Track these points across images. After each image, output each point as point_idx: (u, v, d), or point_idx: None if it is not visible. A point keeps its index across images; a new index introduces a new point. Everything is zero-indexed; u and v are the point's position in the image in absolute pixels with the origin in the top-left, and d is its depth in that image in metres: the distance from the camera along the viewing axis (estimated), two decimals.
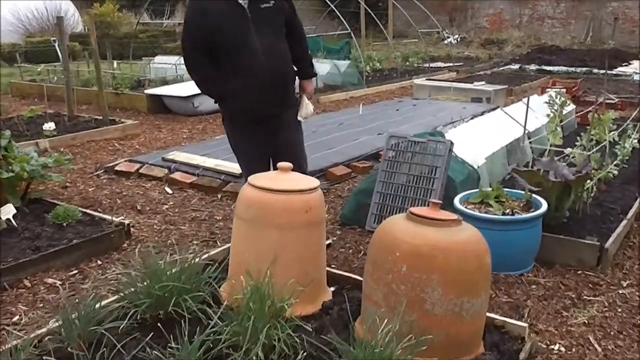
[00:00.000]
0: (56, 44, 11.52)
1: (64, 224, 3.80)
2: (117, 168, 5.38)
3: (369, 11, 12.86)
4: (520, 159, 4.50)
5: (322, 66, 10.70)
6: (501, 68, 13.49)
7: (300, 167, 3.56)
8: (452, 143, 3.94)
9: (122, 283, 2.62)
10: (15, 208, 3.96)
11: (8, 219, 3.69)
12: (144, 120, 7.90)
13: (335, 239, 3.97)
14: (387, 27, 14.41)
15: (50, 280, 3.28)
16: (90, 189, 4.92)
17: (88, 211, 4.06)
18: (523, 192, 3.58)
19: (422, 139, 4.03)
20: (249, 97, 3.33)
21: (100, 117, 7.08)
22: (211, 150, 5.65)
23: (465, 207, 3.49)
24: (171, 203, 4.62)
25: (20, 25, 17.65)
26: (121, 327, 2.37)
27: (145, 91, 8.59)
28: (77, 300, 2.48)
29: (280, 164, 2.78)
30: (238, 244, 2.77)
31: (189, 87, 8.28)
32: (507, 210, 3.39)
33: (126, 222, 3.87)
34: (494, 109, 7.81)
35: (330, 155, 5.66)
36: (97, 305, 2.47)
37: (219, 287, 2.79)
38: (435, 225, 2.34)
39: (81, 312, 2.38)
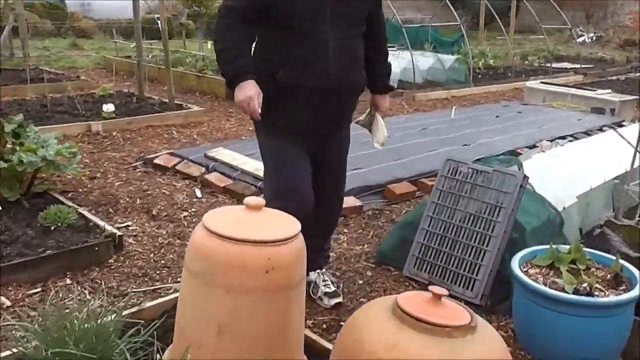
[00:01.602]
0: (159, 22, 11.54)
1: (52, 227, 3.31)
2: (155, 161, 4.89)
3: (487, 3, 11.60)
4: (626, 202, 3.41)
5: (424, 60, 9.74)
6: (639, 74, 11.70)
7: (332, 206, 2.90)
8: (525, 177, 2.98)
9: (16, 338, 2.01)
10: (13, 202, 3.56)
11: None
12: (217, 107, 7.42)
13: (361, 282, 3.16)
14: (508, 21, 13.04)
15: (1, 299, 2.78)
16: (117, 183, 4.45)
17: (86, 213, 3.55)
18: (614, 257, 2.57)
19: (487, 168, 3.09)
20: (298, 104, 2.50)
21: (167, 101, 6.68)
22: None
23: (526, 272, 2.56)
24: (193, 210, 4.02)
25: (143, 2, 18.09)
26: None
27: None
28: None
29: (247, 200, 2.03)
30: (182, 303, 2.07)
31: None
32: (584, 285, 2.41)
33: (118, 233, 3.31)
34: (617, 124, 6.55)
35: (395, 167, 4.80)
36: None
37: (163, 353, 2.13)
38: (429, 333, 1.50)
39: None
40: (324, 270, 3.00)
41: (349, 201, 4.14)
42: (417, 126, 6.32)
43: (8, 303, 2.75)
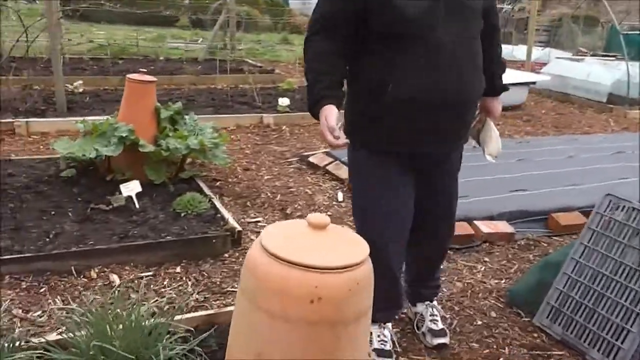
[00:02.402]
0: None
1: (182, 214, 3.41)
2: (310, 159, 4.84)
3: None
4: None
5: None
6: None
7: (439, 236, 2.49)
8: None
9: (66, 325, 2.01)
10: (158, 185, 3.74)
11: (129, 196, 3.45)
12: None
13: (479, 323, 2.73)
14: None
15: (113, 277, 2.89)
16: (266, 177, 4.48)
17: (218, 204, 3.58)
18: None
19: None
20: (412, 122, 2.06)
21: None
22: None
23: None
24: (329, 213, 3.87)
25: None
26: None
27: None
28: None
29: (311, 217, 1.79)
30: (233, 319, 1.92)
31: None
32: None
33: (238, 228, 3.28)
34: None
35: (569, 194, 4.16)
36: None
37: None
38: None
39: None
40: (434, 303, 2.64)
41: (499, 226, 3.67)
42: (612, 148, 5.44)
43: (117, 281, 2.85)
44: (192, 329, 2.09)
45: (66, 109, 5.57)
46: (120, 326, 1.89)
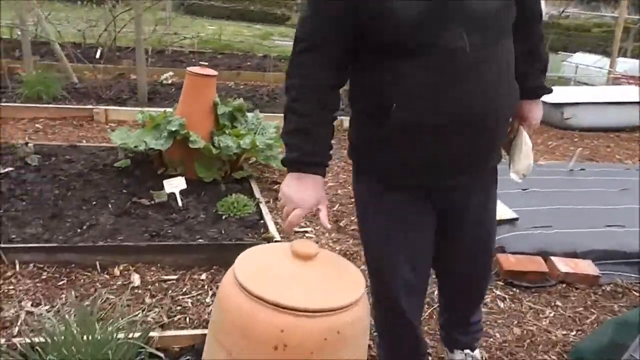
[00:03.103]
0: None
1: (224, 217, 3.21)
2: None
3: None
4: None
5: None
6: None
7: (472, 275, 2.04)
8: None
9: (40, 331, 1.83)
10: (209, 182, 3.58)
11: (172, 193, 3.30)
12: None
13: None
14: None
15: (134, 277, 2.72)
16: (330, 184, 4.19)
17: (264, 209, 3.36)
18: None
19: None
20: (425, 151, 1.62)
21: None
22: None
23: None
24: None
25: None
26: None
27: None
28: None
29: (295, 244, 1.48)
30: (204, 349, 1.66)
31: (571, 94, 6.72)
32: None
33: (276, 238, 3.02)
34: None
35: None
36: None
37: None
38: None
39: None
40: (475, 352, 2.23)
41: (582, 266, 3.15)
42: None
43: (137, 283, 2.68)
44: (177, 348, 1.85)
45: (147, 99, 5.61)
46: (86, 338, 1.69)
